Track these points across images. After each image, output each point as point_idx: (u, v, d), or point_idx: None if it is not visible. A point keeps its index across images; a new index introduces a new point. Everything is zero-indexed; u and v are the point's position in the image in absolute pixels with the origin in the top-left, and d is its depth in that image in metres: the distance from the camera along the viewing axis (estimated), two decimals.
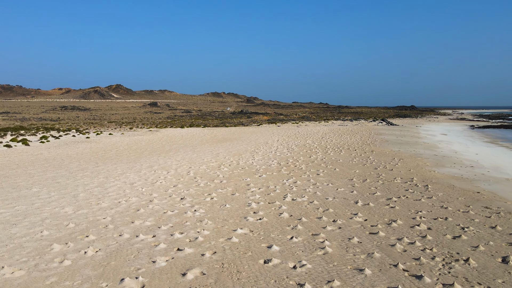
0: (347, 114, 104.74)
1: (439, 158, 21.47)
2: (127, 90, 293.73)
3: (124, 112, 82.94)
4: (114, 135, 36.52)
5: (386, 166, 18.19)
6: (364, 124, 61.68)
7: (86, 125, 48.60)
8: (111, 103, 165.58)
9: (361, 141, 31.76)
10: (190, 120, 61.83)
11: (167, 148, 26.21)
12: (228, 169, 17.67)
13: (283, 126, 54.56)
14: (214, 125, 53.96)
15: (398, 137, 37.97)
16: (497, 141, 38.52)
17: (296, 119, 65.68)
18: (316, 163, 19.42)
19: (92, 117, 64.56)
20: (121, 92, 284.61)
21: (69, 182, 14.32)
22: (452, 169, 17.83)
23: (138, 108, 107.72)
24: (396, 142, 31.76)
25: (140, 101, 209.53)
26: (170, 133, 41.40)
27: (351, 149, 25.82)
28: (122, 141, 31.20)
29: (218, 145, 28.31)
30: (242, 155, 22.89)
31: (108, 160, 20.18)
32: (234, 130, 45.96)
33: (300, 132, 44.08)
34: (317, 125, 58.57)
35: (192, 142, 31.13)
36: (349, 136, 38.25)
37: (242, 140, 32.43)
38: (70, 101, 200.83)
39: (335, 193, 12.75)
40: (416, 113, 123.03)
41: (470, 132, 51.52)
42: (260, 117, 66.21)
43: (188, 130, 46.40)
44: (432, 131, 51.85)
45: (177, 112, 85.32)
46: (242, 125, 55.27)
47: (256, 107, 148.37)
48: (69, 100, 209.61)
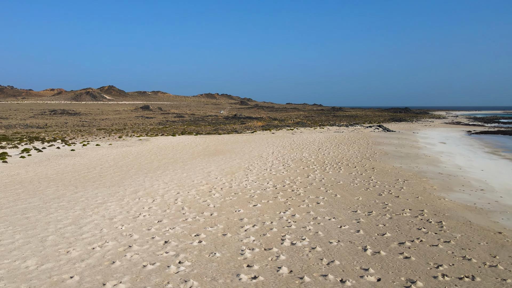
0: (342, 118, 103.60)
1: (445, 178, 20.14)
2: (119, 92, 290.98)
3: (114, 117, 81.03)
4: (101, 146, 34.87)
5: (391, 191, 16.81)
6: (360, 130, 60.46)
7: (73, 133, 46.83)
8: (102, 105, 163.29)
9: (360, 154, 30.42)
10: (183, 127, 60.23)
11: (156, 164, 24.67)
12: (220, 195, 16.20)
13: (277, 133, 53.15)
14: (207, 132, 52.42)
15: (397, 147, 36.71)
16: (499, 151, 37.41)
17: (290, 125, 64.33)
18: (315, 186, 18.00)
19: (81, 123, 62.69)
20: (114, 93, 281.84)
21: (41, 217, 12.76)
22: (462, 194, 16.50)
23: (130, 111, 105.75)
24: (396, 155, 30.46)
25: (133, 103, 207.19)
26: (160, 143, 39.81)
27: (350, 165, 24.45)
28: (108, 154, 29.59)
29: (210, 160, 26.81)
30: (235, 174, 21.43)
31: (90, 182, 18.60)
32: (227, 139, 44.47)
33: (296, 141, 42.70)
34: (313, 131, 57.25)
35: (183, 155, 29.60)
36: (346, 146, 36.91)
37: (235, 153, 30.95)
38: (61, 103, 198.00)
39: (339, 233, 11.32)
40: (411, 116, 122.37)
41: (468, 140, 50.48)
42: (254, 122, 64.77)
43: (180, 138, 44.83)
44: (430, 138, 50.74)
45: (169, 117, 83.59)
46: (235, 132, 53.78)
47: (250, 110, 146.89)
48: (60, 102, 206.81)
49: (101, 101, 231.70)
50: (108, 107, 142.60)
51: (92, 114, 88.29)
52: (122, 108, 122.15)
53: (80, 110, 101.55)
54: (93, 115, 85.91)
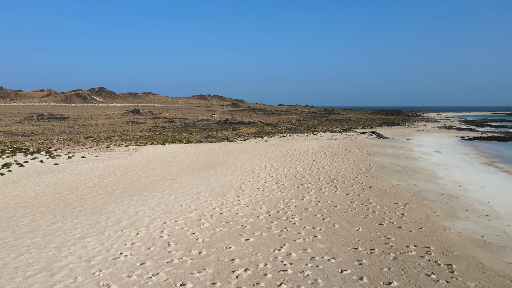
0: (335, 122, 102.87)
1: (446, 201, 19.20)
2: (110, 93, 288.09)
3: (104, 122, 79.34)
4: (87, 159, 33.51)
5: (392, 219, 15.80)
6: (353, 137, 59.63)
7: (59, 142, 45.28)
8: (92, 108, 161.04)
9: (356, 168, 29.44)
10: (173, 134, 58.89)
11: (143, 182, 23.43)
12: (210, 225, 15.06)
13: (270, 141, 52.08)
14: (198, 140, 51.17)
15: (393, 158, 35.84)
16: (495, 162, 36.72)
17: (283, 131, 63.33)
18: (311, 212, 16.93)
19: (68, 130, 61.02)
20: (104, 95, 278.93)
21: (9, 259, 11.51)
22: (467, 222, 15.54)
23: (120, 116, 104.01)
24: (393, 168, 29.53)
25: (124, 106, 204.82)
26: (149, 153, 38.52)
27: (346, 183, 23.44)
28: (94, 169, 28.27)
29: (200, 176, 25.64)
30: (226, 195, 20.29)
31: (70, 208, 17.32)
32: (218, 148, 43.29)
33: (289, 151, 41.65)
34: (306, 139, 56.27)
35: (172, 170, 28.37)
36: (341, 158, 35.94)
37: (227, 167, 29.79)
38: (50, 105, 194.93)
39: (340, 280, 10.24)
40: (403, 120, 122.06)
41: (463, 148, 49.84)
42: (246, 129, 63.67)
43: (170, 148, 43.56)
44: (425, 146, 50.02)
45: (160, 122, 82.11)
46: (227, 140, 52.60)
47: (241, 113, 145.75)
48: (49, 104, 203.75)
49: (91, 103, 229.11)
50: (98, 110, 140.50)
51: (80, 119, 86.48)
52: (112, 112, 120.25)
53: (69, 115, 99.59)
54: (81, 120, 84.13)
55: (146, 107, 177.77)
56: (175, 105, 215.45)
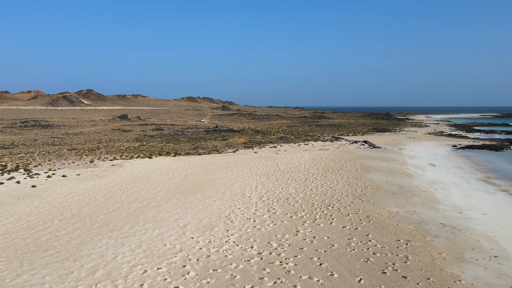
0: (326, 128, 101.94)
1: (450, 235, 17.98)
2: (98, 96, 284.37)
3: (89, 131, 77.16)
4: (68, 178, 31.74)
5: (396, 265, 14.47)
6: (345, 147, 58.53)
7: (41, 156, 43.30)
8: (79, 112, 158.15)
9: (350, 189, 28.16)
10: (161, 144, 57.13)
11: (125, 211, 21.82)
12: (195, 274, 13.60)
13: (260, 153, 50.69)
14: (186, 152, 49.55)
15: (388, 175, 34.71)
16: (492, 178, 35.83)
17: (274, 141, 61.99)
18: (306, 254, 15.54)
19: (51, 141, 58.88)
20: (92, 97, 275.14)
21: None
22: (477, 268, 14.30)
23: (107, 122, 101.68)
24: (389, 190, 28.32)
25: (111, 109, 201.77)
26: (135, 169, 36.86)
27: (342, 211, 22.13)
28: (74, 192, 26.56)
29: (187, 202, 24.13)
30: (215, 228, 18.82)
31: (40, 252, 15.69)
32: (207, 163, 41.75)
33: (280, 165, 40.29)
34: (297, 149, 54.99)
35: (157, 193, 26.78)
36: (334, 174, 34.69)
37: (215, 189, 28.29)
38: (36, 109, 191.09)
39: None
40: (393, 125, 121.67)
41: (456, 159, 49.01)
42: (236, 138, 62.19)
43: (157, 162, 41.90)
44: (418, 158, 49.09)
45: (147, 129, 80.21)
46: (216, 151, 51.05)
47: (231, 117, 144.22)
48: (35, 108, 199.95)
49: (79, 106, 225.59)
50: (84, 115, 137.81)
51: (66, 126, 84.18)
52: (99, 117, 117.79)
53: (54, 121, 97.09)
54: (66, 128, 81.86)
55: (134, 111, 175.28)
56: (164, 109, 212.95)
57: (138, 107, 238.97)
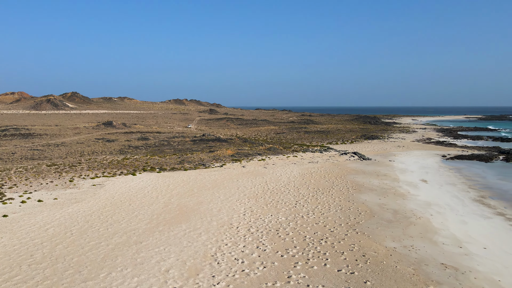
0: (314, 135, 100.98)
1: (453, 281, 16.75)
2: (83, 99, 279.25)
3: (72, 140, 74.71)
4: (44, 204, 29.83)
5: None
6: (335, 158, 57.40)
7: (17, 174, 41.12)
8: (63, 117, 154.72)
9: (343, 216, 26.88)
10: (145, 157, 55.24)
11: (102, 251, 20.12)
12: None
13: (248, 167, 49.24)
14: (172, 167, 47.82)
15: (380, 195, 33.60)
16: (486, 198, 34.99)
17: (262, 152, 60.56)
18: None
19: (31, 154, 56.50)
20: (77, 100, 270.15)
21: None
22: None
23: (91, 129, 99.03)
24: (383, 216, 27.12)
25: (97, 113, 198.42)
26: (117, 191, 35.09)
27: (336, 247, 20.81)
28: (48, 223, 24.74)
29: (170, 236, 22.55)
30: (200, 274, 17.30)
31: None
32: (193, 181, 40.12)
33: (269, 183, 38.89)
34: (286, 162, 53.67)
35: (139, 223, 25.11)
36: (325, 195, 33.44)
37: (201, 216, 26.73)
38: (19, 113, 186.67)
39: None
40: (381, 130, 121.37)
41: (447, 173, 48.20)
42: (223, 150, 60.61)
43: (140, 180, 40.12)
44: (409, 171, 48.17)
45: (132, 139, 78.09)
46: (203, 165, 49.41)
47: (219, 123, 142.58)
48: (18, 112, 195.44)
49: (63, 110, 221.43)
50: (68, 121, 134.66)
51: (48, 135, 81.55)
52: (83, 124, 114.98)
53: (36, 129, 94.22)
54: (48, 137, 79.25)
55: (120, 116, 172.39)
56: (151, 113, 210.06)
57: (124, 110, 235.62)
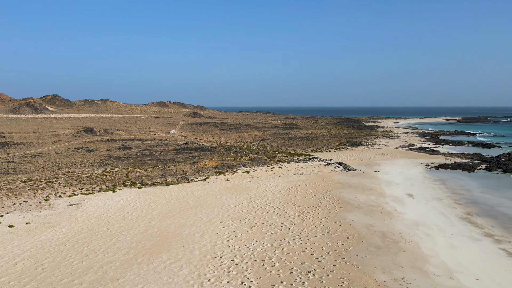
0: (299, 141, 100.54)
1: None
2: (64, 102, 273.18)
3: (50, 150, 72.37)
4: (14, 230, 28.19)
5: None
6: (320, 169, 56.78)
7: None
8: (42, 122, 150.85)
9: (331, 241, 26.09)
10: (126, 170, 53.62)
11: None
12: None
13: (233, 180, 48.20)
14: (153, 182, 46.42)
15: (367, 215, 33.02)
16: (473, 215, 34.81)
17: (246, 163, 59.55)
18: None
19: (5, 167, 54.20)
20: (58, 103, 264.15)
21: None
22: None
23: (71, 137, 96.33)
24: (372, 242, 26.45)
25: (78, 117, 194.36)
26: (95, 211, 33.64)
27: (324, 282, 19.97)
28: (18, 257, 23.25)
29: (150, 270, 21.37)
30: None
31: None
32: (175, 198, 38.85)
33: (253, 201, 37.93)
34: (270, 174, 52.79)
35: (116, 254, 23.81)
36: (311, 216, 32.66)
37: (183, 243, 25.57)
38: None
39: None
40: (365, 136, 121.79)
41: (432, 185, 48.09)
42: (207, 162, 59.33)
43: (120, 198, 38.67)
44: (395, 184, 47.90)
45: (113, 148, 76.10)
46: (186, 180, 48.10)
47: (202, 128, 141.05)
48: None
49: (43, 113, 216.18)
50: (48, 126, 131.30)
51: (25, 145, 78.93)
52: (62, 131, 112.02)
53: (13, 136, 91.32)
54: (26, 146, 76.70)
55: (101, 121, 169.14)
56: (133, 117, 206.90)
57: (106, 114, 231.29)
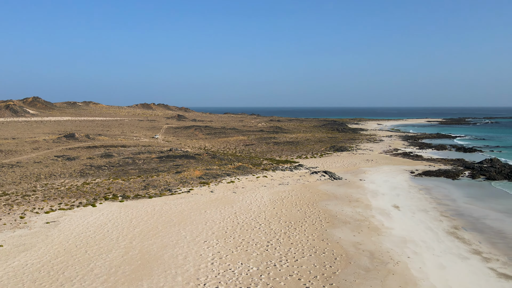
0: (284, 146, 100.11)
1: None
2: (45, 104, 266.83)
3: (29, 158, 70.22)
4: None
5: None
6: (306, 178, 56.27)
7: None
8: (22, 126, 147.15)
9: (318, 264, 25.52)
10: (108, 180, 52.19)
11: None
12: None
13: (217, 192, 47.30)
14: (136, 194, 45.19)
15: (355, 231, 32.61)
16: (460, 229, 34.78)
17: (231, 172, 58.65)
18: None
19: None
20: (39, 106, 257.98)
21: None
22: None
23: (51, 143, 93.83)
24: (360, 263, 25.94)
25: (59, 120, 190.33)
26: (73, 231, 32.36)
27: None
28: None
29: None
30: None
31: None
32: (158, 213, 37.76)
33: (239, 216, 37.12)
34: (256, 184, 52.04)
35: (93, 283, 22.67)
36: (298, 233, 32.03)
37: (166, 269, 24.60)
38: None
39: None
40: (349, 140, 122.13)
41: (418, 195, 48.12)
42: (191, 171, 58.19)
43: (100, 213, 37.41)
44: (381, 194, 47.76)
45: (95, 157, 74.24)
46: (169, 191, 46.97)
47: (187, 132, 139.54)
48: None
49: (23, 116, 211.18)
50: (27, 131, 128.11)
51: (2, 152, 76.47)
52: (43, 137, 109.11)
53: None
54: (3, 154, 74.30)
55: (84, 124, 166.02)
56: (117, 120, 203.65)
57: (89, 117, 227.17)
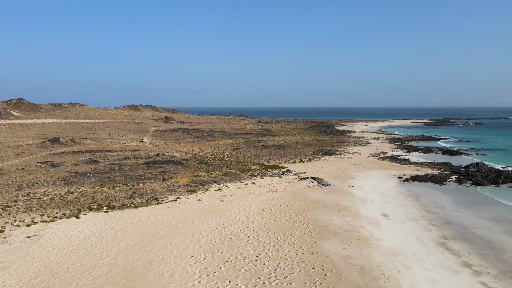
0: (272, 150, 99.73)
1: None
2: (30, 106, 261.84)
3: (12, 165, 68.47)
4: None
5: None
6: (294, 185, 55.86)
7: None
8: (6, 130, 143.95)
9: (308, 282, 25.01)
10: (93, 188, 51.04)
11: None
12: None
13: (205, 200, 46.58)
14: (121, 204, 44.20)
15: (344, 243, 32.29)
16: (449, 240, 34.95)
17: (219, 179, 57.93)
18: None
19: None
20: (24, 108, 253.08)
21: None
22: None
23: (35, 148, 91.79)
24: (350, 279, 25.66)
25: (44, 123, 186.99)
26: (55, 246, 31.42)
27: None
28: None
29: None
30: None
31: None
32: (144, 225, 36.91)
33: (227, 227, 36.49)
34: (244, 192, 51.44)
35: None
36: (287, 245, 31.60)
37: None
38: None
39: None
40: (337, 143, 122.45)
41: (406, 202, 48.06)
42: (178, 178, 57.29)
43: (84, 226, 36.41)
44: (369, 202, 47.59)
45: (80, 163, 72.75)
46: (155, 200, 46.10)
47: (174, 135, 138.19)
48: None
49: (7, 119, 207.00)
50: (11, 134, 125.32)
51: None
52: (26, 141, 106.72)
53: None
54: None
55: (69, 127, 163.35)
56: (103, 122, 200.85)
57: (75, 119, 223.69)
